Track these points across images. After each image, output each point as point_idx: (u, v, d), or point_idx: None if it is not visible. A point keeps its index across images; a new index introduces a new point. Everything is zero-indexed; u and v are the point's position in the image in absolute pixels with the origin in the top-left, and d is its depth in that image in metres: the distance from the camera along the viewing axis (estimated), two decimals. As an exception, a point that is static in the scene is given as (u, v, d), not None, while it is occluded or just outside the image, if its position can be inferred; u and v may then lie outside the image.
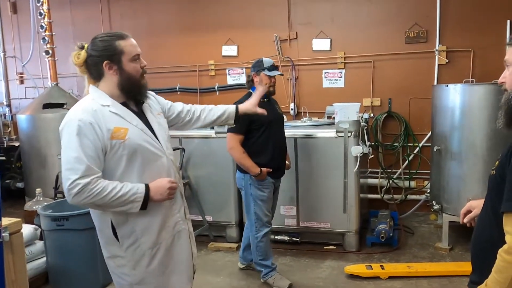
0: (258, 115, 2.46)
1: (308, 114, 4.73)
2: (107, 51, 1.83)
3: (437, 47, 4.68)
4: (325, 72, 5.15)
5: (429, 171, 4.45)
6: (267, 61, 3.26)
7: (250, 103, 2.40)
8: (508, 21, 4.40)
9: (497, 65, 4.50)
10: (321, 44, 5.13)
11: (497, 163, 1.42)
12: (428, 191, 4.51)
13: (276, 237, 4.14)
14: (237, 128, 3.05)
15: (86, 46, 1.87)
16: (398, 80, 4.89)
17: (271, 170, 3.23)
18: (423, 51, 4.76)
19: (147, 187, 1.81)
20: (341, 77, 5.10)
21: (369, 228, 4.20)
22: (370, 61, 4.96)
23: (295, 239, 4.13)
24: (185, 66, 5.69)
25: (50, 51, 5.28)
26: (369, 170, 4.91)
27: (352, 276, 3.48)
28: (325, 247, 4.07)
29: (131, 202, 1.78)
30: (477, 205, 1.64)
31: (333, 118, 4.14)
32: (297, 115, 5.22)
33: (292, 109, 5.23)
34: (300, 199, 4.01)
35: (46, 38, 5.25)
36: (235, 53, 5.51)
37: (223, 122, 2.35)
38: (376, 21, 4.91)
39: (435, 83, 4.68)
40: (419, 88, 4.77)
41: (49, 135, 5.03)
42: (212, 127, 4.16)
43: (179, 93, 5.68)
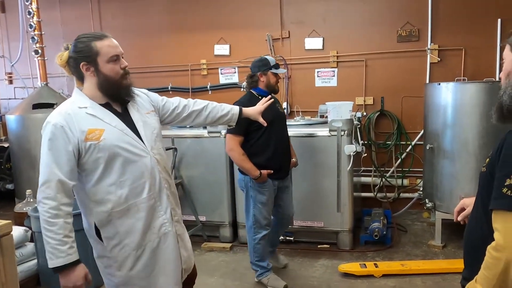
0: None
1: (301, 113, 4.72)
2: (83, 53, 1.82)
3: (429, 46, 4.70)
4: (318, 71, 5.15)
5: (422, 169, 4.47)
6: (272, 60, 3.22)
7: (255, 111, 2.37)
8: (499, 20, 4.43)
9: (489, 64, 4.58)
10: (314, 43, 5.13)
11: (488, 160, 1.42)
12: (421, 189, 4.54)
13: (270, 237, 4.14)
14: (237, 129, 2.94)
15: (70, 47, 1.87)
16: (391, 79, 4.90)
17: (272, 172, 3.14)
18: (415, 50, 4.78)
19: (71, 266, 1.75)
20: (334, 76, 5.11)
21: (363, 227, 4.21)
22: (363, 60, 4.97)
23: (289, 238, 4.13)
24: (177, 66, 5.65)
25: (40, 51, 5.21)
26: (362, 169, 4.93)
27: (346, 275, 3.48)
28: (319, 246, 4.07)
29: (52, 254, 1.73)
30: (471, 203, 1.64)
31: (326, 117, 4.14)
32: (290, 114, 5.20)
33: (285, 108, 5.22)
34: (294, 198, 3.99)
35: (35, 38, 5.16)
36: (228, 52, 5.49)
37: (225, 123, 2.31)
38: (368, 20, 4.92)
39: (427, 82, 4.70)
40: (412, 87, 4.79)
41: (39, 136, 4.86)
42: (205, 127, 4.13)
43: (171, 93, 5.64)
